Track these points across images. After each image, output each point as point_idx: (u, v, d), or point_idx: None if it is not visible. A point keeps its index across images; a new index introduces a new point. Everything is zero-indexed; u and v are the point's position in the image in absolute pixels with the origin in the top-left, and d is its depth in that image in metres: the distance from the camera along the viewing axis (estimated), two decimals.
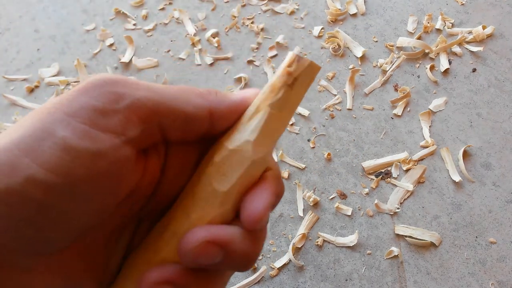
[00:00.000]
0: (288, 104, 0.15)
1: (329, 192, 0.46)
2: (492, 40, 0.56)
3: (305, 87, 0.16)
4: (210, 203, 0.14)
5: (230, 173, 0.14)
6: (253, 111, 0.15)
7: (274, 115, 0.15)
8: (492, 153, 0.48)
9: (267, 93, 0.15)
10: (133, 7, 0.61)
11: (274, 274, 0.42)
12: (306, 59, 0.15)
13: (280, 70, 0.15)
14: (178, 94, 0.14)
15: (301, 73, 0.15)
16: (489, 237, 0.43)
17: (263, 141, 0.15)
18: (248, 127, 0.15)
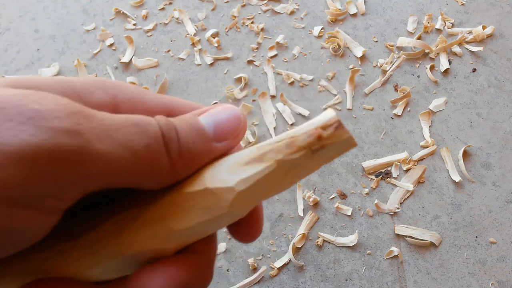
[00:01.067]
0: (298, 169, 0.12)
1: (329, 192, 0.46)
2: (492, 40, 0.56)
3: (328, 160, 0.13)
4: (157, 233, 0.12)
5: (192, 214, 0.12)
6: (255, 156, 0.12)
7: (277, 175, 0.12)
8: (492, 153, 0.48)
9: (283, 146, 0.12)
10: (133, 7, 0.61)
11: (274, 274, 0.42)
12: (346, 131, 0.12)
13: (311, 128, 0.12)
14: (121, 160, 0.11)
15: (333, 143, 0.12)
16: (489, 237, 0.43)
17: (248, 197, 0.12)
18: (240, 172, 0.12)
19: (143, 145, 0.11)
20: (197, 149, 0.12)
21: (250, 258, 0.42)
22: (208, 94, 0.53)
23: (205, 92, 0.53)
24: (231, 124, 0.13)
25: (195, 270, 0.12)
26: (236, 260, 0.43)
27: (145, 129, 0.12)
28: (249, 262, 0.42)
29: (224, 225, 0.13)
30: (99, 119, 0.11)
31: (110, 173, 0.11)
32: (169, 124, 0.12)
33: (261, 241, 0.43)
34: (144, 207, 0.12)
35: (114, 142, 0.11)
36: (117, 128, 0.11)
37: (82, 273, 0.12)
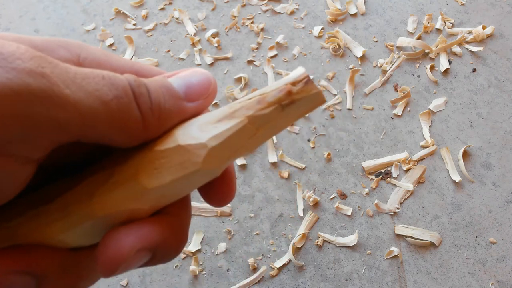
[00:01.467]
0: (270, 125, 0.13)
1: (329, 192, 0.46)
2: (492, 40, 0.56)
3: (298, 116, 0.13)
4: (130, 193, 0.12)
5: (165, 171, 0.12)
6: (226, 113, 0.12)
7: (248, 131, 0.12)
8: (492, 153, 0.48)
9: (253, 102, 0.12)
10: (133, 7, 0.61)
11: (274, 274, 0.42)
12: (314, 85, 0.13)
13: (280, 84, 0.13)
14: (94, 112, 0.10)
15: (302, 99, 0.12)
16: (489, 237, 0.43)
17: (221, 153, 0.12)
18: (212, 129, 0.12)
19: (112, 96, 0.11)
20: (169, 107, 0.12)
21: (250, 258, 0.42)
22: None
23: None
24: (201, 85, 0.13)
25: (169, 232, 0.12)
26: (236, 260, 0.43)
27: (113, 81, 0.11)
28: (249, 262, 0.42)
29: (198, 184, 0.12)
30: (64, 67, 0.10)
31: (80, 122, 0.10)
32: (138, 81, 0.12)
33: (261, 241, 0.44)
34: (116, 168, 0.12)
35: (82, 90, 0.10)
36: (83, 78, 0.11)
37: (55, 238, 0.12)
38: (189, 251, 0.43)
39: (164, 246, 0.12)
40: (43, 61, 0.10)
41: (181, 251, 0.13)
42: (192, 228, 0.44)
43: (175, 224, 0.13)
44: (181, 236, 0.13)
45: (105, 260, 0.11)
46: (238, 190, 0.46)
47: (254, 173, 0.47)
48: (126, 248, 0.11)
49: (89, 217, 0.12)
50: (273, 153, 0.48)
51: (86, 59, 0.12)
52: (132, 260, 0.11)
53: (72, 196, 0.12)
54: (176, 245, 0.13)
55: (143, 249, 0.11)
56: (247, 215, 0.45)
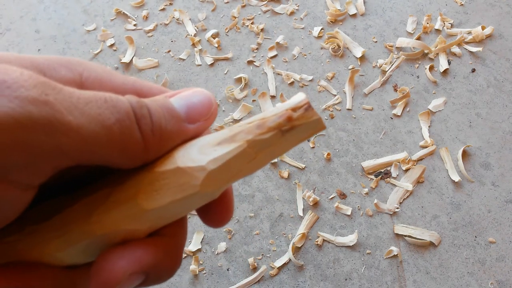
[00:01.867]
0: (269, 150, 0.13)
1: (328, 192, 0.46)
2: (491, 40, 0.56)
3: (297, 141, 0.13)
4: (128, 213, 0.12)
5: (163, 193, 0.12)
6: (226, 137, 0.12)
7: (247, 155, 0.12)
8: (491, 153, 0.48)
9: (253, 127, 0.12)
10: (134, 8, 0.61)
11: (274, 274, 0.42)
12: (315, 112, 0.13)
13: (281, 110, 0.13)
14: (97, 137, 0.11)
15: (302, 125, 0.13)
16: (488, 237, 0.43)
17: (220, 176, 0.12)
18: (211, 152, 0.12)
19: (114, 120, 0.11)
20: (170, 129, 0.12)
21: (250, 257, 0.43)
22: None
23: None
24: (202, 106, 0.13)
25: (163, 254, 0.12)
26: (236, 259, 0.43)
27: (115, 104, 0.11)
28: (249, 262, 0.42)
29: (196, 206, 0.13)
30: (67, 92, 0.10)
31: (82, 147, 0.10)
32: (140, 102, 0.12)
33: (261, 241, 0.44)
34: (116, 188, 0.12)
35: (85, 115, 0.10)
36: (86, 102, 0.11)
37: (52, 255, 0.12)
38: (189, 250, 0.43)
39: (157, 268, 0.12)
40: (46, 87, 0.10)
41: (174, 273, 0.13)
42: (193, 227, 0.45)
43: (170, 246, 0.13)
44: (175, 259, 0.13)
45: (99, 282, 0.11)
46: (238, 190, 0.47)
47: (254, 173, 0.47)
48: (119, 272, 0.11)
49: (87, 235, 0.12)
50: None
51: (88, 78, 0.13)
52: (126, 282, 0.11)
53: (71, 214, 0.12)
54: (170, 268, 0.13)
55: (137, 272, 0.11)
56: (247, 214, 0.45)
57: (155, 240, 0.12)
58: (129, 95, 0.12)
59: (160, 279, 0.13)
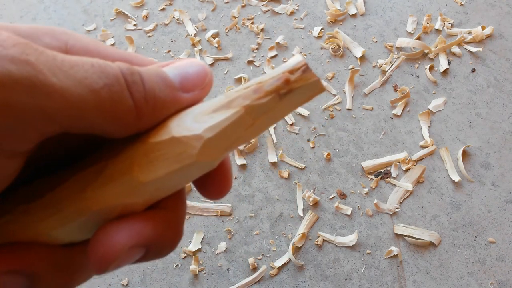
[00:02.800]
0: (268, 115, 0.12)
1: (328, 192, 0.46)
2: (491, 40, 0.56)
3: (296, 104, 0.12)
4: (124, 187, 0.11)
5: (159, 164, 0.11)
6: (222, 103, 0.12)
7: (245, 121, 0.12)
8: (491, 153, 0.48)
9: (250, 92, 0.12)
10: (134, 8, 0.61)
11: (274, 274, 0.42)
12: (313, 74, 0.12)
13: (278, 73, 0.12)
14: (86, 97, 0.10)
15: (301, 87, 0.12)
16: (488, 237, 0.43)
17: (217, 144, 0.12)
18: (207, 120, 0.12)
19: (102, 84, 0.10)
20: (163, 97, 0.12)
21: (250, 257, 0.43)
22: (208, 94, 0.53)
23: None
24: (197, 75, 0.13)
25: (163, 227, 0.12)
26: (236, 259, 0.43)
27: (103, 69, 0.11)
28: (249, 262, 0.42)
29: (194, 176, 0.12)
30: (50, 54, 0.10)
31: (68, 111, 0.10)
32: (131, 69, 0.11)
33: (261, 241, 0.44)
34: (109, 161, 0.12)
35: (70, 78, 0.10)
36: (71, 65, 0.10)
37: (48, 234, 0.11)
38: (189, 250, 0.43)
39: (158, 241, 0.12)
40: (27, 47, 0.09)
41: (176, 247, 0.13)
42: (193, 227, 0.45)
43: (170, 218, 0.12)
44: (176, 231, 0.13)
45: (97, 257, 0.11)
46: (238, 190, 0.47)
47: (254, 173, 0.47)
48: (118, 245, 0.11)
49: (82, 212, 0.11)
50: (273, 153, 0.48)
51: (74, 46, 0.12)
52: (125, 256, 0.11)
53: (64, 191, 0.12)
54: (171, 241, 0.12)
55: (136, 245, 0.11)
56: (247, 214, 0.45)
57: (154, 213, 0.12)
58: (120, 62, 0.11)
59: (161, 253, 0.12)
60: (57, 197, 0.11)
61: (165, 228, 0.12)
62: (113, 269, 0.11)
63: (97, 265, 0.11)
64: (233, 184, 0.47)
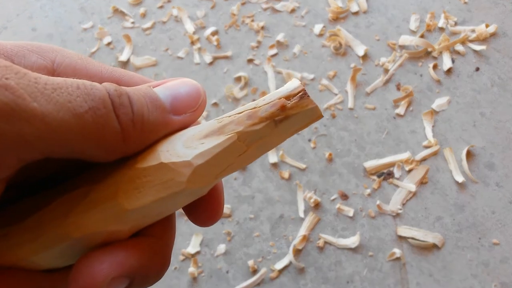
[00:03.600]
0: (261, 142, 0.12)
1: (330, 193, 0.45)
2: (495, 38, 0.55)
3: (292, 132, 0.12)
4: (108, 213, 0.11)
5: (146, 191, 0.11)
6: (214, 129, 0.11)
7: (238, 148, 0.11)
8: (495, 153, 0.47)
9: (244, 117, 0.11)
10: (131, 5, 0.60)
11: (274, 276, 0.41)
12: (311, 100, 0.12)
13: (274, 98, 0.12)
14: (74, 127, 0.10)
15: (298, 114, 0.12)
16: (492, 238, 0.43)
17: (208, 171, 0.11)
18: (198, 146, 0.11)
19: (86, 107, 0.10)
20: (152, 120, 0.11)
21: (250, 260, 0.42)
22: (208, 94, 0.52)
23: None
24: (189, 97, 0.12)
25: (149, 256, 0.11)
26: (236, 262, 0.42)
27: (89, 91, 0.10)
28: (249, 264, 0.41)
29: (182, 204, 0.12)
30: (32, 77, 0.10)
31: (49, 136, 0.09)
32: (119, 90, 0.11)
33: (261, 243, 0.43)
34: (94, 186, 0.11)
35: (52, 102, 0.09)
36: (54, 88, 0.10)
37: (27, 259, 0.11)
38: (188, 252, 0.42)
39: (143, 271, 0.11)
40: (8, 71, 0.09)
41: (162, 276, 0.12)
42: (191, 229, 0.44)
43: (157, 246, 0.12)
44: (163, 260, 0.12)
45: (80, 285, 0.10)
46: (238, 191, 0.46)
47: (254, 174, 0.47)
48: (100, 276, 0.10)
49: (64, 238, 0.11)
50: (273, 153, 0.47)
51: (61, 64, 0.12)
52: (108, 287, 0.10)
53: (46, 215, 0.11)
54: (157, 270, 0.12)
55: (119, 276, 0.11)
56: (247, 216, 0.44)
57: (139, 241, 0.11)
58: (107, 83, 0.11)
59: (147, 283, 0.12)
60: (38, 222, 0.11)
61: (151, 257, 0.11)
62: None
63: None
64: (233, 185, 0.46)
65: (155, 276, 0.12)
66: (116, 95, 0.11)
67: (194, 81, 0.13)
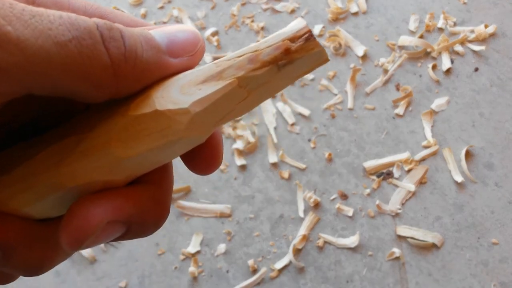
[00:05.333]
0: (263, 87, 0.11)
1: (330, 193, 0.45)
2: (494, 39, 0.55)
3: (296, 77, 0.11)
4: (102, 163, 0.10)
5: (141, 140, 0.10)
6: (213, 73, 0.11)
7: (238, 94, 0.11)
8: (494, 153, 0.48)
9: (244, 61, 0.11)
10: (132, 6, 0.61)
11: (274, 276, 0.41)
12: (317, 43, 0.11)
13: (277, 40, 0.11)
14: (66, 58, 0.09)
15: (302, 58, 0.11)
16: (491, 238, 0.43)
17: (206, 119, 0.11)
18: (196, 92, 0.10)
19: (70, 36, 0.09)
20: (146, 58, 0.10)
21: (250, 259, 0.42)
22: None
23: None
24: (187, 40, 0.11)
25: (147, 203, 0.11)
26: (235, 261, 0.42)
27: (73, 21, 0.09)
28: (249, 264, 0.42)
29: (180, 152, 0.11)
30: (7, 2, 0.09)
31: (28, 66, 0.08)
32: (110, 24, 0.10)
33: (261, 242, 0.43)
34: (85, 134, 0.10)
35: (29, 27, 0.08)
36: (33, 15, 0.09)
37: (20, 210, 0.10)
38: (188, 252, 0.42)
39: (140, 218, 0.11)
40: None
41: (161, 225, 0.12)
42: (192, 229, 0.44)
43: (155, 194, 0.11)
44: (161, 208, 0.11)
45: (71, 231, 0.09)
46: (238, 190, 0.46)
47: (254, 174, 0.47)
48: (95, 219, 0.10)
49: (56, 188, 0.10)
50: (273, 153, 0.48)
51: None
52: (102, 232, 0.10)
53: (35, 165, 0.10)
54: (155, 218, 0.11)
55: (115, 221, 0.10)
56: (247, 216, 0.44)
57: (137, 187, 0.11)
58: (96, 18, 0.10)
59: (145, 231, 0.11)
60: (28, 171, 0.10)
61: (149, 203, 0.11)
62: (87, 246, 0.10)
63: (70, 240, 0.10)
64: (233, 185, 0.46)
65: (153, 224, 0.11)
66: (106, 28, 0.10)
67: (193, 28, 0.12)
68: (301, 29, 0.11)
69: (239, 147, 0.48)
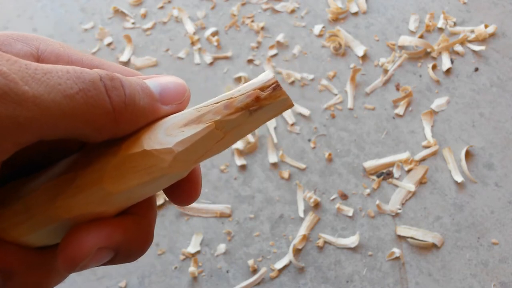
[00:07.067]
0: (237, 129, 0.13)
1: (330, 193, 0.45)
2: (494, 39, 0.55)
3: (265, 120, 0.13)
4: (94, 197, 0.12)
5: (130, 176, 0.12)
6: (193, 118, 0.12)
7: (216, 135, 0.12)
8: (494, 153, 0.47)
9: (221, 107, 0.12)
10: (132, 6, 0.60)
11: (274, 276, 0.41)
12: (283, 91, 0.13)
13: (249, 89, 0.13)
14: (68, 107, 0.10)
15: (270, 104, 0.13)
16: (491, 238, 0.43)
17: (188, 157, 0.12)
18: (178, 134, 0.12)
19: (77, 89, 0.10)
20: (143, 105, 0.12)
21: (250, 259, 0.42)
22: (208, 94, 0.52)
23: (205, 92, 0.53)
24: (176, 90, 0.13)
25: (133, 232, 0.12)
26: (236, 261, 0.42)
27: (79, 75, 0.11)
28: (249, 264, 0.42)
29: (164, 186, 0.13)
30: (23, 63, 0.10)
31: (42, 119, 0.10)
32: (111, 74, 0.11)
33: (261, 242, 0.43)
34: (81, 170, 0.12)
35: (43, 85, 0.10)
36: (45, 73, 0.10)
37: (19, 239, 0.12)
38: (188, 252, 0.42)
39: (127, 245, 0.12)
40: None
41: (146, 251, 0.13)
42: (192, 229, 0.44)
43: (140, 224, 0.13)
44: (146, 236, 0.13)
45: (66, 257, 0.11)
46: (238, 190, 0.46)
47: (254, 174, 0.47)
48: (87, 245, 0.11)
49: (53, 219, 0.12)
50: (273, 153, 0.48)
51: (44, 51, 0.12)
52: (93, 258, 0.11)
53: (35, 199, 0.12)
54: (141, 245, 0.13)
55: (105, 247, 0.11)
56: (247, 216, 0.44)
57: (124, 218, 0.12)
58: (98, 69, 0.11)
59: (131, 257, 0.13)
60: (28, 203, 0.12)
61: (135, 232, 0.12)
62: (80, 269, 0.11)
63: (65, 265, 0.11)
64: (233, 185, 0.46)
65: (138, 251, 0.13)
66: (108, 78, 0.11)
67: (181, 79, 0.14)
68: (269, 79, 0.13)
69: (239, 147, 0.48)
